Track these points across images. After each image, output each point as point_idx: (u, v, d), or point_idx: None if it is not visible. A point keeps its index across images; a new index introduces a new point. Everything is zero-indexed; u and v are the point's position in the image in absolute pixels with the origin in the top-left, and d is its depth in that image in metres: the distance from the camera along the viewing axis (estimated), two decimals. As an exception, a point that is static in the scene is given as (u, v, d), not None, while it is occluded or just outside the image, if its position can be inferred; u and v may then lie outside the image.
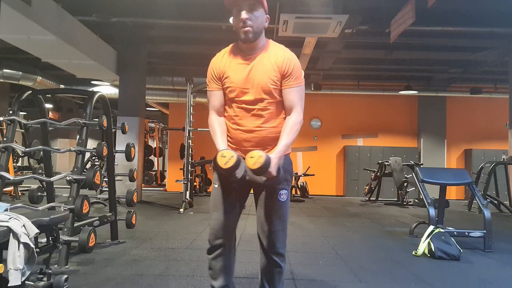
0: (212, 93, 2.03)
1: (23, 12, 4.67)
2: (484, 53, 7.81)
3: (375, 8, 5.81)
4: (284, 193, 1.88)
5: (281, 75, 1.82)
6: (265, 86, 1.82)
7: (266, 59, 1.84)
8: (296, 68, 1.84)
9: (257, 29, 1.83)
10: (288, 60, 1.83)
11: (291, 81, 1.82)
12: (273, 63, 1.82)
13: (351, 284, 2.99)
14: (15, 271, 1.97)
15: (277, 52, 1.86)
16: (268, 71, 1.82)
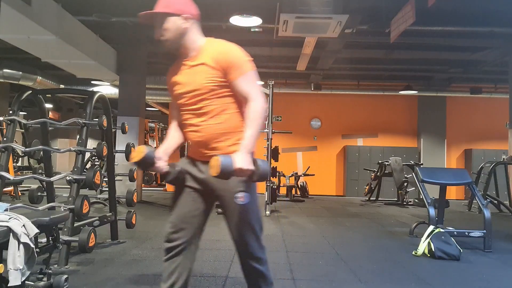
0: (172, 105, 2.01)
1: (23, 12, 4.67)
2: (484, 53, 7.80)
3: (375, 8, 5.81)
4: (241, 195, 1.78)
5: (221, 70, 1.75)
6: (203, 85, 1.77)
7: (202, 59, 1.79)
8: (236, 59, 1.77)
9: (174, 37, 1.80)
10: (224, 53, 1.77)
11: (235, 73, 1.74)
12: (209, 60, 1.77)
13: (351, 284, 2.99)
14: (15, 271, 1.97)
15: (212, 48, 1.82)
16: (202, 70, 1.77)
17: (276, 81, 8.54)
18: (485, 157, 10.51)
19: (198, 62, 1.79)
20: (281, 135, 9.91)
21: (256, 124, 1.73)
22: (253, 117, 1.73)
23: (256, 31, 6.60)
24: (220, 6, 5.81)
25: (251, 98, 1.74)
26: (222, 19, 5.99)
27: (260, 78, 8.78)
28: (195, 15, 1.86)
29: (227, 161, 1.62)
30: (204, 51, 1.82)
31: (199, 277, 3.03)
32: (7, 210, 2.28)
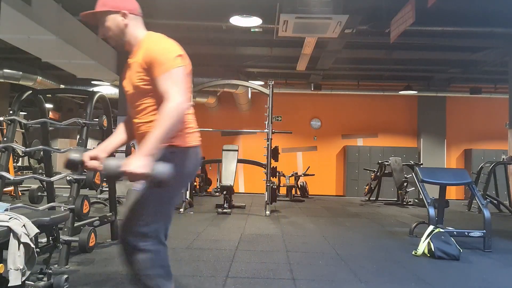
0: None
1: (23, 12, 4.67)
2: (484, 53, 7.80)
3: (375, 8, 5.81)
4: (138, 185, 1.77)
5: (146, 68, 1.72)
6: (134, 83, 1.77)
7: (136, 55, 1.78)
8: (159, 55, 1.70)
9: (116, 35, 1.79)
10: (147, 51, 1.73)
11: (155, 71, 1.68)
12: (139, 58, 1.75)
13: (351, 284, 2.99)
14: (15, 271, 1.98)
15: (144, 44, 1.77)
16: (135, 67, 1.76)
17: (276, 81, 8.55)
18: (485, 157, 10.51)
19: (134, 59, 1.78)
20: (281, 135, 9.91)
21: (163, 126, 1.61)
22: (162, 118, 1.61)
23: (256, 31, 6.59)
24: (220, 6, 5.81)
25: (166, 98, 1.64)
26: (222, 19, 5.99)
27: (260, 78, 8.79)
28: (134, 10, 1.82)
29: (112, 163, 1.57)
30: (140, 47, 1.78)
31: (199, 277, 3.03)
32: (8, 210, 2.28)
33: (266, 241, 4.50)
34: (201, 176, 10.45)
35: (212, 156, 9.59)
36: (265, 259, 3.65)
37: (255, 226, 5.50)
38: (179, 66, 1.70)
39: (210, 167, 11.14)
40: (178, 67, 1.70)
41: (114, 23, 1.78)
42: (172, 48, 1.74)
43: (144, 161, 1.56)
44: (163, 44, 1.75)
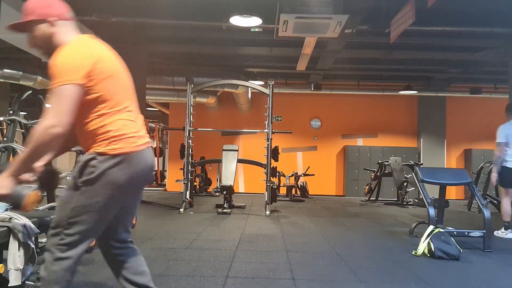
0: None
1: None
2: (484, 53, 7.80)
3: (375, 8, 5.81)
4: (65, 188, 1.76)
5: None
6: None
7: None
8: (52, 69, 1.58)
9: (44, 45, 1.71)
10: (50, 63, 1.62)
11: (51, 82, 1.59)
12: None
13: (351, 284, 2.99)
14: (16, 271, 1.98)
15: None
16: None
17: (276, 81, 8.54)
18: (485, 157, 10.50)
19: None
20: (281, 135, 9.91)
21: (30, 148, 1.52)
22: (31, 139, 1.53)
23: (256, 31, 6.59)
24: (220, 6, 5.82)
25: (43, 117, 1.53)
26: (222, 19, 5.99)
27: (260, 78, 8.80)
28: (62, 15, 1.71)
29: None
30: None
31: (199, 277, 3.03)
32: (7, 210, 2.28)
33: (266, 241, 4.50)
34: (201, 176, 10.46)
35: (212, 156, 9.60)
36: (265, 259, 3.65)
37: (255, 226, 5.50)
38: (67, 84, 1.54)
39: (210, 167, 11.15)
40: (65, 84, 1.54)
41: (40, 32, 1.68)
42: (68, 60, 1.58)
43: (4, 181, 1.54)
44: (62, 54, 1.60)
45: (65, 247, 1.66)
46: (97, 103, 1.65)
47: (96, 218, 1.70)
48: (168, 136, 12.64)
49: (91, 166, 1.64)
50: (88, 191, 1.65)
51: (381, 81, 10.68)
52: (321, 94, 11.06)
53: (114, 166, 1.65)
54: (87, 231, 1.71)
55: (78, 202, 1.65)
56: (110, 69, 1.70)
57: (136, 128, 1.75)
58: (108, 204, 1.70)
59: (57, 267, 1.64)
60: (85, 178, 1.64)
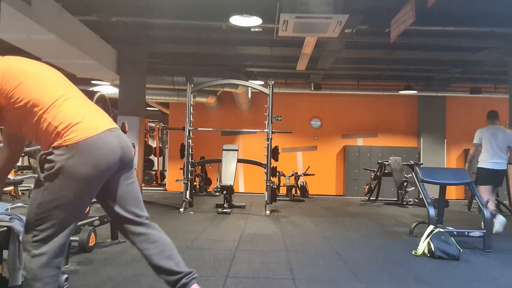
0: None
1: (23, 12, 4.67)
2: (484, 53, 7.81)
3: (375, 8, 5.81)
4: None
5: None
6: None
7: None
8: None
9: None
10: None
11: None
12: None
13: (351, 284, 2.99)
14: (16, 271, 1.97)
15: None
16: None
17: (276, 81, 8.54)
18: (485, 157, 10.49)
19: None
20: (281, 135, 9.91)
21: None
22: None
23: (256, 31, 6.59)
24: (220, 6, 5.82)
25: None
26: (222, 19, 5.99)
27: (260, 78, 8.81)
28: None
29: None
30: None
31: (199, 277, 3.03)
32: (8, 210, 2.28)
33: (266, 241, 4.50)
34: (201, 175, 10.46)
35: (212, 156, 9.60)
36: (265, 259, 3.65)
37: (255, 226, 5.50)
38: None
39: (210, 167, 11.15)
40: None
41: None
42: None
43: None
44: None
45: (39, 243, 1.66)
46: (30, 108, 1.67)
47: (67, 210, 1.70)
48: (168, 136, 12.64)
49: (49, 161, 1.65)
50: (51, 186, 1.66)
51: (381, 81, 10.68)
52: (321, 94, 11.06)
53: (72, 157, 1.64)
54: (59, 225, 1.70)
55: (43, 198, 1.66)
56: (20, 74, 1.72)
57: (82, 114, 1.72)
58: (77, 195, 1.69)
59: (34, 264, 1.65)
60: (46, 174, 1.65)
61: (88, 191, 1.74)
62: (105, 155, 1.70)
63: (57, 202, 1.66)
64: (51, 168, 1.65)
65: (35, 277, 1.65)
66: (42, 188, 1.67)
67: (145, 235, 1.88)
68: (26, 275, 1.66)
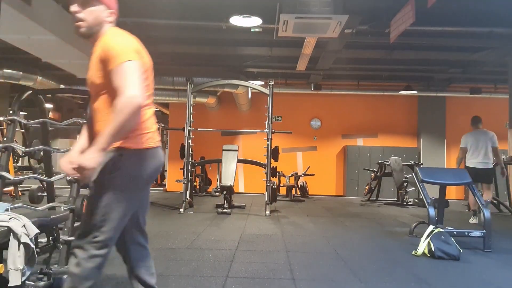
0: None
1: (23, 12, 4.67)
2: (484, 53, 7.80)
3: (375, 8, 5.81)
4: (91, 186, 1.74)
5: (102, 63, 1.69)
6: (92, 78, 1.76)
7: (95, 50, 1.77)
8: (111, 48, 1.66)
9: (92, 23, 1.75)
10: (103, 44, 1.70)
11: (110, 65, 1.64)
12: (96, 52, 1.73)
13: (351, 284, 2.99)
14: (16, 271, 1.98)
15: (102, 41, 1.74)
16: (93, 62, 1.75)
17: (276, 81, 8.54)
18: (485, 157, 10.49)
19: (93, 55, 1.77)
20: (281, 135, 9.91)
21: (116, 121, 1.55)
22: (115, 113, 1.56)
23: (256, 31, 6.59)
24: (220, 6, 5.81)
25: (119, 92, 1.58)
26: (222, 19, 5.98)
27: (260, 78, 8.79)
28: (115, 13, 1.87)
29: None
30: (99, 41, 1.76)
31: (199, 277, 3.03)
32: (8, 210, 2.28)
33: (266, 241, 4.49)
34: (201, 176, 10.45)
35: (212, 156, 9.59)
36: (265, 259, 3.65)
37: (255, 226, 5.50)
38: (133, 60, 1.65)
39: (210, 167, 11.15)
40: (131, 60, 1.64)
41: (97, 14, 1.76)
42: (126, 42, 1.71)
43: (94, 155, 1.53)
44: (118, 38, 1.72)
45: (100, 244, 1.69)
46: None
47: (127, 215, 1.75)
48: (168, 136, 12.63)
49: (118, 161, 1.68)
50: (118, 187, 1.69)
51: (381, 81, 10.68)
52: (321, 94, 11.05)
53: (142, 162, 1.72)
54: (119, 228, 1.75)
55: (109, 199, 1.68)
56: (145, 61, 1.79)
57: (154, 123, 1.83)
58: (134, 198, 1.76)
59: (91, 264, 1.67)
60: (113, 174, 1.68)
61: (140, 198, 1.81)
62: (159, 165, 1.83)
63: (123, 204, 1.70)
64: (118, 168, 1.68)
65: (87, 277, 1.67)
66: (109, 189, 1.69)
67: (143, 246, 1.94)
68: (79, 273, 1.65)
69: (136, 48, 1.72)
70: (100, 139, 1.55)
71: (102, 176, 1.68)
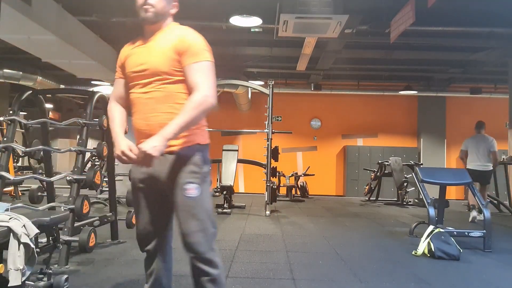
0: (115, 81, 1.90)
1: (23, 12, 4.67)
2: (484, 53, 7.80)
3: (375, 8, 5.81)
4: (191, 187, 1.66)
5: (178, 53, 1.68)
6: (158, 65, 1.69)
7: (163, 38, 1.74)
8: (194, 44, 1.70)
9: (160, 10, 1.77)
10: (182, 36, 1.71)
11: (189, 58, 1.67)
12: (168, 41, 1.71)
13: (351, 284, 2.99)
14: (15, 271, 1.97)
15: (175, 31, 1.76)
16: (163, 50, 1.70)
17: (276, 81, 8.53)
18: (485, 157, 10.48)
19: (160, 41, 1.74)
20: (281, 135, 9.91)
21: (189, 115, 1.58)
22: (190, 106, 1.60)
23: (256, 31, 6.59)
24: (220, 6, 5.81)
25: (197, 88, 1.63)
26: (222, 19, 5.98)
27: (260, 78, 8.80)
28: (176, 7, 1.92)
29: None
30: (167, 32, 1.77)
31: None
32: (8, 210, 2.28)
33: (266, 241, 4.49)
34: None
35: (212, 156, 9.50)
36: (265, 259, 3.65)
37: (255, 226, 5.50)
38: (211, 61, 1.72)
39: (210, 167, 11.13)
40: (210, 61, 1.72)
41: (165, 3, 1.80)
42: (204, 42, 1.76)
43: (161, 142, 1.54)
44: (196, 35, 1.76)
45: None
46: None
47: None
48: (168, 136, 12.64)
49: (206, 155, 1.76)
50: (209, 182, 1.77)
51: (381, 81, 10.68)
52: (321, 94, 11.06)
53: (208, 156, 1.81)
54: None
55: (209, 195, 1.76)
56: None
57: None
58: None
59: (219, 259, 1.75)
60: (206, 170, 1.75)
61: None
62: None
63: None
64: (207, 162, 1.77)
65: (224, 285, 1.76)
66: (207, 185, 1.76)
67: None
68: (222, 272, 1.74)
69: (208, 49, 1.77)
70: (168, 129, 1.56)
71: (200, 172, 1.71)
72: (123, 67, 1.84)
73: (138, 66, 1.75)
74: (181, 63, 1.68)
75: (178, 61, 1.69)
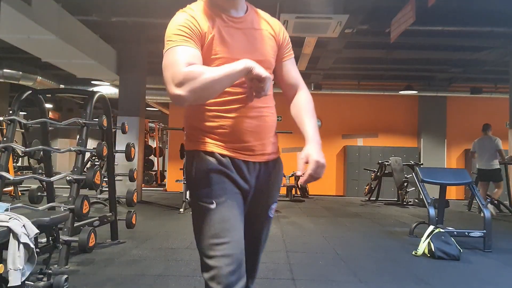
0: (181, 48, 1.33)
1: (23, 12, 4.67)
2: (484, 53, 7.80)
3: (375, 8, 5.80)
4: (274, 207, 1.52)
5: (278, 44, 1.46)
6: (267, 56, 1.41)
7: (259, 24, 1.42)
8: (287, 37, 1.53)
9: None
10: (282, 26, 1.50)
11: (285, 52, 1.49)
12: (268, 29, 1.44)
13: (351, 284, 2.99)
14: (15, 271, 1.97)
15: (266, 16, 1.47)
16: (267, 38, 1.42)
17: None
18: (485, 157, 10.48)
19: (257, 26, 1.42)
20: (281, 135, 9.85)
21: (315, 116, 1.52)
22: (312, 107, 1.55)
23: (256, 31, 6.58)
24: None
25: (302, 86, 1.59)
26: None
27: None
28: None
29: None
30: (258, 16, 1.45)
31: (199, 277, 3.03)
32: (7, 210, 2.28)
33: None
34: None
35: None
36: (265, 259, 3.65)
37: (255, 226, 5.49)
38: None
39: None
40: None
41: None
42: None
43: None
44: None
45: None
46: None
47: None
48: (168, 136, 12.62)
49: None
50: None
51: (381, 80, 10.67)
52: (321, 94, 11.05)
53: None
54: None
55: None
56: None
57: None
58: None
59: None
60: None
61: None
62: None
63: None
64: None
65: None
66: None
67: None
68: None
69: None
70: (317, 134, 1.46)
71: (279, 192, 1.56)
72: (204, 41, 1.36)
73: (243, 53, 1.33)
74: (281, 55, 1.50)
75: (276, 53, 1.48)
